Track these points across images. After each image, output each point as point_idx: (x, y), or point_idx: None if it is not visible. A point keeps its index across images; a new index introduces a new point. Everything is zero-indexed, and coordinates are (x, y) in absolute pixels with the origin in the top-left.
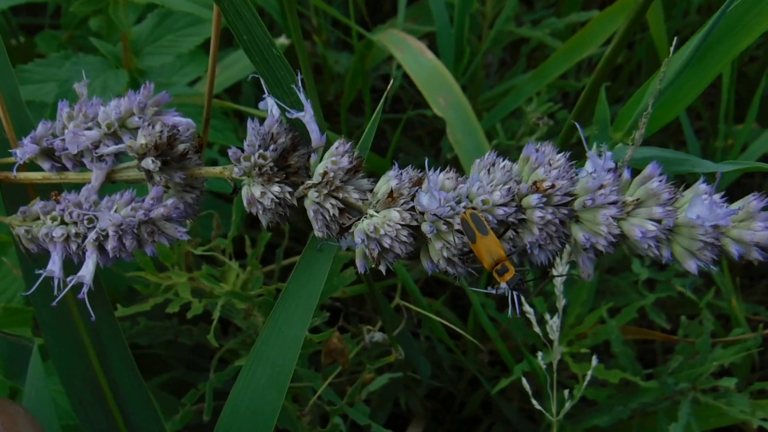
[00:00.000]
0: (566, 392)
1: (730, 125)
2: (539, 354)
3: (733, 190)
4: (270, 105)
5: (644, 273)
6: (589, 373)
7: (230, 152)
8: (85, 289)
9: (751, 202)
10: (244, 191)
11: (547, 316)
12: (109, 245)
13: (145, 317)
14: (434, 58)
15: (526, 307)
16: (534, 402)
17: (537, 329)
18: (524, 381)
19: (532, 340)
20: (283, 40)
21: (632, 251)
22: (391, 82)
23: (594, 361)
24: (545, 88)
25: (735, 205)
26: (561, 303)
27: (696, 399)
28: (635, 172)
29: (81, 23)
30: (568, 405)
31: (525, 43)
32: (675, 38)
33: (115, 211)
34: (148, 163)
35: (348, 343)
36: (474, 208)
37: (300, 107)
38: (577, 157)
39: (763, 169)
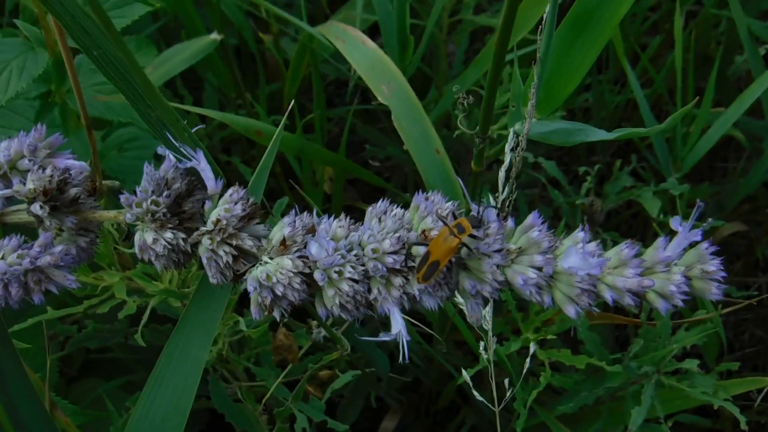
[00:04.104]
0: (506, 381)
1: (690, 109)
2: (481, 344)
3: (703, 173)
4: (168, 150)
5: None
6: (527, 359)
7: (122, 198)
8: None
9: (623, 250)
10: (137, 237)
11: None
12: None
13: (94, 320)
14: (375, 47)
15: (459, 299)
16: (475, 393)
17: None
18: (465, 374)
19: (499, 329)
20: (214, 36)
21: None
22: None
23: (532, 347)
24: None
25: (608, 254)
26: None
27: (660, 382)
28: (518, 221)
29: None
30: (509, 395)
31: (490, 33)
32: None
33: (2, 258)
34: (36, 208)
35: (303, 339)
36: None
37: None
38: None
39: (639, 134)
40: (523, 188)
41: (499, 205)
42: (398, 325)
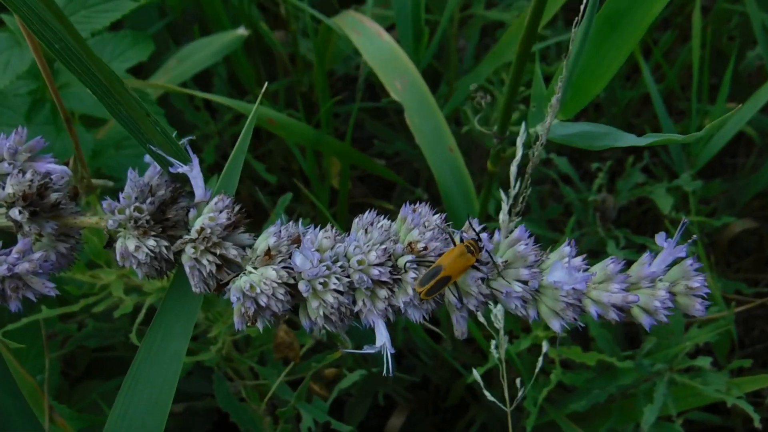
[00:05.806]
0: (518, 380)
1: (705, 105)
2: (492, 342)
3: (715, 169)
4: (150, 155)
5: (620, 255)
6: (540, 357)
7: (104, 204)
8: None
9: (609, 265)
10: (119, 244)
11: (491, 305)
12: None
13: (95, 319)
14: (391, 40)
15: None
16: (486, 393)
17: (482, 319)
18: (475, 373)
19: (508, 327)
20: (242, 31)
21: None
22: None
23: (544, 346)
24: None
25: (593, 269)
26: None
27: (672, 379)
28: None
29: None
30: (521, 394)
31: (501, 28)
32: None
33: None
34: (15, 213)
35: (307, 337)
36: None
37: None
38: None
39: (673, 141)
40: (534, 184)
41: (511, 201)
42: (383, 337)
